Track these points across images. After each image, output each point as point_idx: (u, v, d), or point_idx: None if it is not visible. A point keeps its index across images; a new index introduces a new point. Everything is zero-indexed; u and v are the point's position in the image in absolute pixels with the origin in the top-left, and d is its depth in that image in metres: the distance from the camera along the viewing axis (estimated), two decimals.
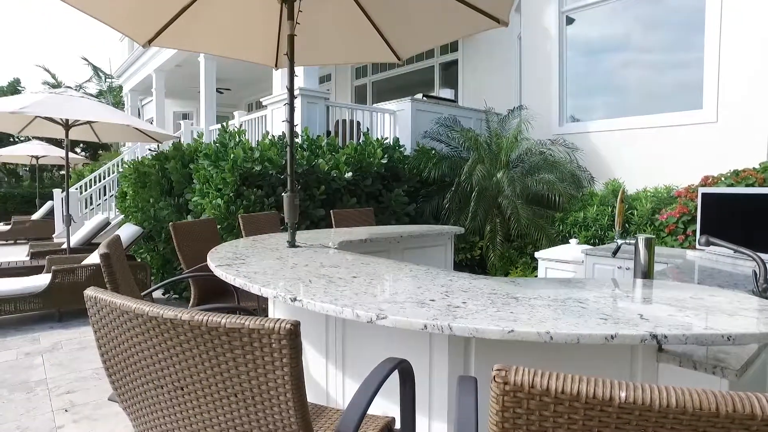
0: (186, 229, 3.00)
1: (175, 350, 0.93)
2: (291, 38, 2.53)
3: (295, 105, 2.71)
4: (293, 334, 0.80)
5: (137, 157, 7.83)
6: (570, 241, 4.86)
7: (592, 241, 5.00)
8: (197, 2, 2.99)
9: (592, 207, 5.21)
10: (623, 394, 0.56)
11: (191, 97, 13.91)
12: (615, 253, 2.07)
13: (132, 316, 0.97)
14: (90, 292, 1.06)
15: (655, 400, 0.55)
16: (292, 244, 2.43)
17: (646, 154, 5.77)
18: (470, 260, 5.79)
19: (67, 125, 6.07)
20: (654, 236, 1.92)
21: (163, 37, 3.21)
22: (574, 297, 1.49)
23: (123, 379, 1.08)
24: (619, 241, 2.05)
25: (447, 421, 1.59)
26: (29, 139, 14.26)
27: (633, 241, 1.99)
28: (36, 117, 5.91)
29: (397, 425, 1.49)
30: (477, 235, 5.79)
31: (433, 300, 1.41)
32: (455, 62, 8.75)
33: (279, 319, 0.80)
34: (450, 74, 8.98)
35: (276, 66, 3.59)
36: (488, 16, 2.91)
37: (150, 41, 3.20)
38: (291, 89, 2.48)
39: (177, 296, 5.74)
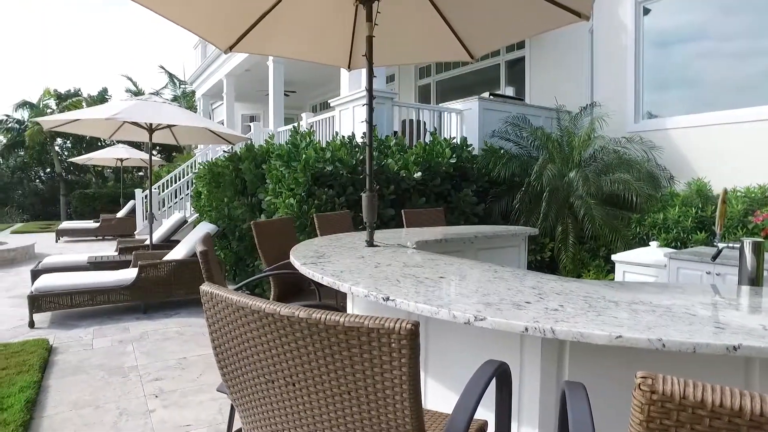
0: (266, 227, 3.12)
1: (289, 346, 0.95)
2: (369, 39, 2.56)
3: (365, 105, 2.74)
4: (414, 334, 0.80)
5: (210, 159, 8.22)
6: (650, 243, 4.62)
7: (673, 244, 4.71)
8: (276, 8, 3.09)
9: (673, 208, 4.91)
10: None
11: (258, 100, 14.44)
12: (715, 257, 1.93)
13: (247, 312, 1.01)
14: (205, 287, 1.11)
15: None
16: (371, 243, 2.46)
17: (736, 151, 5.36)
18: (540, 262, 5.63)
19: (150, 129, 6.47)
20: (763, 240, 1.78)
21: (243, 43, 3.34)
22: (678, 303, 1.41)
23: (234, 372, 1.12)
24: (720, 245, 1.91)
25: (538, 426, 1.55)
26: (114, 144, 15.37)
27: (737, 245, 1.86)
28: (124, 122, 6.34)
29: (489, 429, 1.47)
30: (547, 236, 5.62)
31: (528, 302, 1.38)
32: (521, 60, 8.52)
33: (399, 319, 0.81)
34: (516, 72, 8.76)
35: (349, 67, 3.64)
36: (569, 10, 2.81)
37: (231, 47, 3.34)
38: (370, 90, 2.51)
39: (249, 292, 5.97)
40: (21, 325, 4.74)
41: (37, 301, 4.71)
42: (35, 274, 5.58)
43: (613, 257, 4.52)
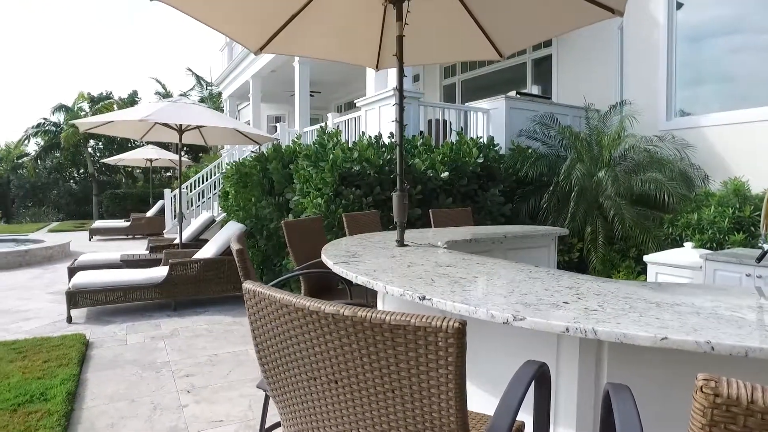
0: (296, 226, 3.15)
1: (333, 344, 0.96)
2: (400, 39, 2.56)
3: (393, 105, 2.75)
4: (461, 333, 0.80)
5: (237, 159, 8.33)
6: (684, 244, 4.50)
7: (708, 245, 4.58)
8: (305, 9, 3.11)
9: (708, 208, 4.77)
10: None
11: (284, 101, 14.59)
12: (760, 259, 1.87)
13: (291, 310, 1.01)
14: (249, 285, 1.13)
15: None
16: (401, 242, 2.46)
17: None
18: (568, 262, 5.54)
19: (180, 130, 6.61)
20: None
21: (272, 44, 3.37)
22: (723, 305, 1.37)
23: (276, 369, 1.14)
24: (766, 246, 1.85)
25: (575, 428, 1.53)
26: (144, 145, 15.74)
27: None
28: (155, 123, 6.48)
29: (526, 430, 1.45)
30: (575, 237, 5.53)
31: (566, 302, 1.36)
32: (548, 58, 8.40)
33: (446, 317, 0.81)
34: (542, 70, 8.64)
35: (377, 67, 3.65)
36: (602, 6, 2.76)
37: (261, 48, 3.38)
38: (400, 90, 2.51)
39: None
40: (60, 320, 4.90)
41: (74, 298, 4.87)
42: (72, 272, 5.75)
43: (646, 258, 4.42)
